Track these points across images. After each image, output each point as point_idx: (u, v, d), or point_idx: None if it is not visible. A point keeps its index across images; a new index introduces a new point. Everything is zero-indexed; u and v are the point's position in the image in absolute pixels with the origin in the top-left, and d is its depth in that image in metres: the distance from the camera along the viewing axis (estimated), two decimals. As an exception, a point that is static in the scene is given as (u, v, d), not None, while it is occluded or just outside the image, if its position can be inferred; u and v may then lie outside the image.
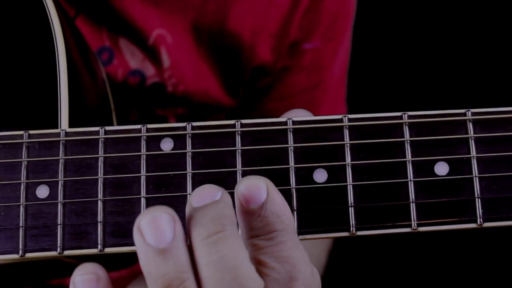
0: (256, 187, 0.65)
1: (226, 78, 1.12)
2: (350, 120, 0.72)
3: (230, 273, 0.61)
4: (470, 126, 0.72)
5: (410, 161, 0.72)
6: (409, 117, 0.72)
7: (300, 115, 0.74)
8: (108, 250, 0.72)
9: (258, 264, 0.65)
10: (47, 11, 0.81)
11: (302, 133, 0.72)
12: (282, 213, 0.65)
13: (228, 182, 0.71)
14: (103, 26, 1.07)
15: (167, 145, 0.73)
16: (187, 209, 0.64)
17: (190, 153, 0.73)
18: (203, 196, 0.63)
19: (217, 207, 0.62)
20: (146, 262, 0.62)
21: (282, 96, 1.17)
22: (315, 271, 0.68)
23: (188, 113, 1.12)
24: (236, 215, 0.65)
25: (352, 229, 0.71)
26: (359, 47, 1.33)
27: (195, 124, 0.73)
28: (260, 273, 0.65)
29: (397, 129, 0.72)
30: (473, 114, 0.72)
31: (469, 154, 0.72)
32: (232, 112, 1.14)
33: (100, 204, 0.72)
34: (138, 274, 1.14)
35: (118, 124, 0.94)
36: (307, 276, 0.66)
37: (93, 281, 0.64)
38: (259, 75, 1.14)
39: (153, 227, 0.61)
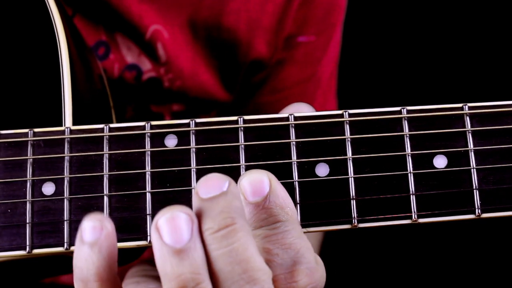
0: (258, 181, 0.67)
1: (223, 73, 1.13)
2: (350, 115, 0.74)
3: (241, 266, 0.63)
4: (467, 120, 0.74)
5: (410, 154, 0.73)
6: (408, 111, 0.74)
7: (301, 109, 0.75)
8: (114, 245, 0.73)
9: (262, 251, 0.67)
10: (49, 9, 0.82)
11: (304, 128, 0.74)
12: (285, 204, 0.67)
13: (232, 177, 0.72)
14: (100, 24, 1.07)
15: (171, 142, 0.75)
16: (194, 200, 0.64)
17: (194, 149, 0.74)
18: (211, 187, 0.63)
19: (226, 199, 0.63)
20: (162, 262, 0.62)
21: (275, 90, 1.18)
22: (319, 259, 0.69)
23: (184, 109, 1.13)
24: None
25: (354, 221, 0.73)
26: (352, 41, 1.34)
27: (198, 120, 0.75)
28: (264, 259, 0.66)
29: (396, 123, 0.74)
30: (470, 108, 0.74)
31: (467, 147, 0.74)
32: (226, 107, 1.15)
33: (105, 199, 0.74)
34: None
35: (117, 122, 0.95)
36: (310, 261, 0.68)
37: (98, 229, 0.64)
38: (256, 69, 1.15)
39: (171, 226, 0.62)
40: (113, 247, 0.65)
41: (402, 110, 0.74)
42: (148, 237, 0.73)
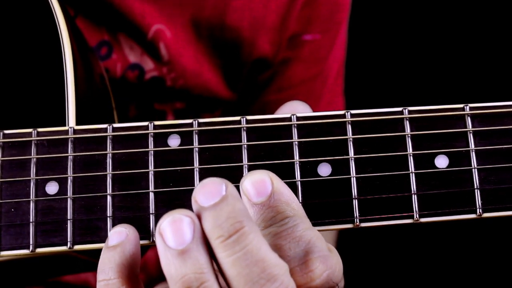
0: (260, 181, 0.67)
1: (226, 71, 1.13)
2: (352, 115, 0.75)
3: (258, 266, 0.63)
4: (469, 120, 0.74)
5: (411, 154, 0.74)
6: (410, 112, 0.74)
7: (296, 108, 0.75)
8: (117, 244, 0.73)
9: (274, 248, 0.67)
10: (53, 11, 0.83)
11: (306, 128, 0.74)
12: (290, 200, 0.68)
13: (234, 177, 0.73)
14: (103, 25, 1.08)
15: (174, 141, 0.75)
16: (195, 208, 0.64)
17: (197, 149, 0.74)
18: (209, 193, 0.63)
19: (228, 204, 0.63)
20: (166, 264, 0.63)
21: (282, 88, 1.18)
22: (332, 248, 0.70)
23: (187, 107, 1.14)
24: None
25: (356, 220, 0.73)
26: (357, 40, 1.34)
27: (201, 120, 0.75)
28: (278, 255, 0.67)
29: (398, 124, 0.74)
30: (471, 108, 0.75)
31: (468, 147, 0.74)
32: (231, 105, 1.16)
33: (109, 199, 0.74)
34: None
35: (119, 121, 0.95)
36: (322, 249, 0.68)
37: (124, 233, 0.68)
38: (259, 68, 1.15)
39: (173, 228, 0.63)
40: (136, 250, 0.67)
41: (404, 110, 0.75)
42: (151, 236, 0.74)
